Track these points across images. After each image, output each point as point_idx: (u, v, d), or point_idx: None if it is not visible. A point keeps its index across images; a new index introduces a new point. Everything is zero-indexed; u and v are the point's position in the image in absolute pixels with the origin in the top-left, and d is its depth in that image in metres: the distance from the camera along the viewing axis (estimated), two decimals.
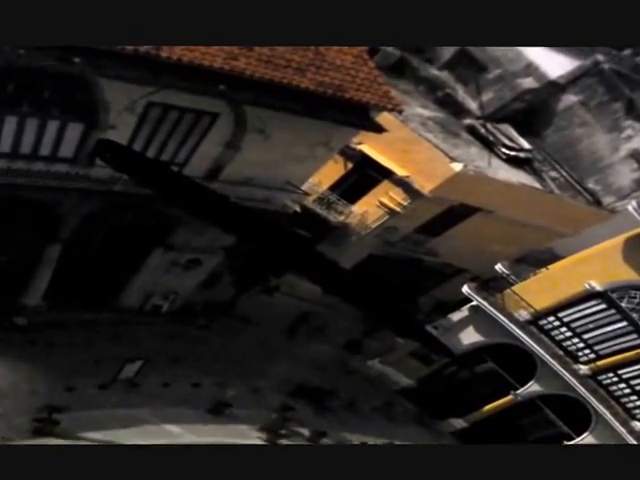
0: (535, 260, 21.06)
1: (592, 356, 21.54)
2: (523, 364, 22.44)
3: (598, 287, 19.20)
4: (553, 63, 20.08)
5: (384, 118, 14.53)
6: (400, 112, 14.12)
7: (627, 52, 20.30)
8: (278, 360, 22.02)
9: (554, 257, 20.92)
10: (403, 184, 18.55)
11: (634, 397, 21.75)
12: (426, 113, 19.53)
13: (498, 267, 20.02)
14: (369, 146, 18.00)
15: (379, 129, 14.07)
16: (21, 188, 15.07)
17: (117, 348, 19.26)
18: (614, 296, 19.27)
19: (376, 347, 24.24)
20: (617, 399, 21.74)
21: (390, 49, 17.50)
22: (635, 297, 19.02)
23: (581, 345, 21.44)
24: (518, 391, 22.63)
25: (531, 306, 20.46)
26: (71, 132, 14.03)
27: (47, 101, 13.09)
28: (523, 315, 20.91)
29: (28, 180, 14.86)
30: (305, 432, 19.77)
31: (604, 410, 21.20)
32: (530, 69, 20.41)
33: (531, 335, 21.44)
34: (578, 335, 21.21)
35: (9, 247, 17.15)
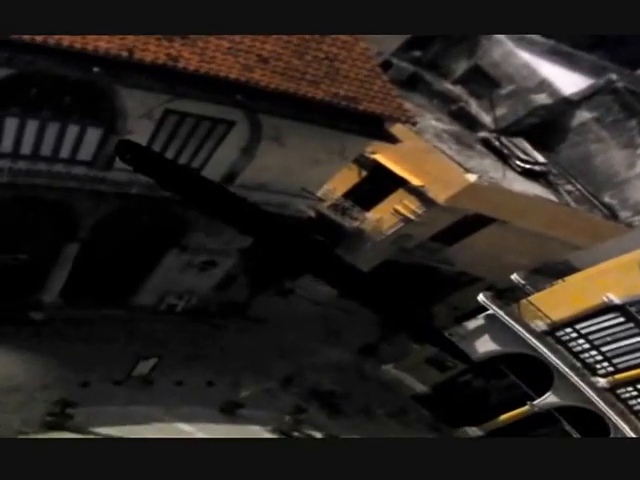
0: (551, 271, 20.82)
1: (610, 369, 21.24)
2: (540, 375, 22.25)
3: (616, 300, 18.91)
4: (567, 81, 19.80)
5: (399, 129, 14.47)
6: (414, 124, 14.04)
7: None
8: (293, 362, 22.13)
9: (570, 269, 20.65)
10: (418, 193, 18.47)
11: None
12: (440, 125, 19.39)
13: (514, 277, 19.85)
14: (384, 155, 17.93)
15: (393, 140, 14.03)
16: (41, 189, 15.37)
17: (131, 345, 19.53)
18: (633, 310, 18.98)
19: (391, 352, 24.21)
20: (636, 413, 21.45)
21: (404, 64, 17.41)
22: None
23: (599, 358, 21.14)
24: (535, 402, 22.46)
25: (548, 317, 20.24)
26: (90, 136, 14.25)
27: (67, 107, 13.29)
28: (540, 325, 20.69)
29: (48, 181, 15.15)
30: (318, 435, 19.85)
31: (623, 424, 20.91)
32: (544, 86, 20.20)
33: (548, 346, 21.21)
34: (596, 347, 20.92)
35: (29, 245, 17.49)
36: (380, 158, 18.11)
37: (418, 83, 19.19)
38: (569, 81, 19.91)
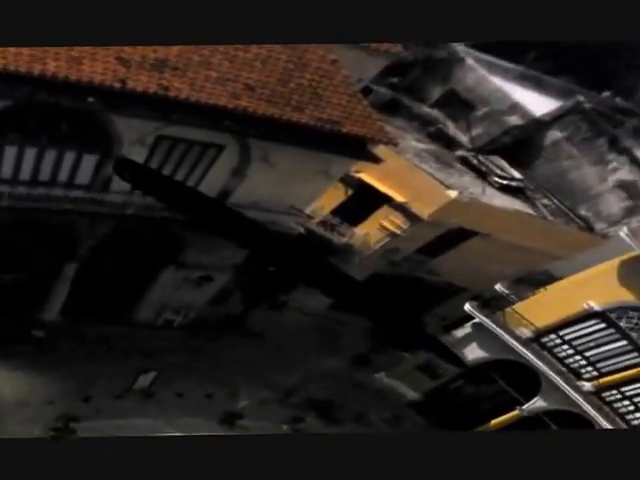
0: (533, 281, 21.57)
1: (595, 373, 21.91)
2: (527, 380, 22.91)
3: (597, 307, 19.64)
4: (537, 103, 20.73)
5: (381, 150, 15.22)
6: (395, 145, 14.81)
7: (606, 94, 20.90)
8: (289, 373, 22.73)
9: (551, 278, 21.39)
10: (402, 209, 19.26)
11: (639, 414, 22.10)
12: (420, 146, 20.27)
13: (498, 287, 20.56)
14: (368, 174, 18.73)
15: (376, 160, 14.80)
16: (41, 211, 16.06)
17: (131, 360, 20.15)
18: (613, 316, 19.69)
19: (383, 361, 24.85)
20: (622, 415, 22.09)
21: (383, 90, 18.26)
22: (632, 317, 19.42)
23: (583, 362, 21.82)
24: (524, 406, 23.09)
25: (532, 324, 20.93)
26: (86, 162, 14.97)
27: (64, 134, 14.01)
28: (525, 332, 21.38)
29: (47, 204, 15.85)
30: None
31: (609, 427, 21.53)
32: (516, 108, 21.19)
33: (534, 352, 21.89)
34: (580, 353, 21.61)
35: (30, 265, 18.16)
36: (365, 177, 18.91)
37: (397, 107, 20.09)
38: (539, 103, 20.88)
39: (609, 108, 21.23)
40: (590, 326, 20.51)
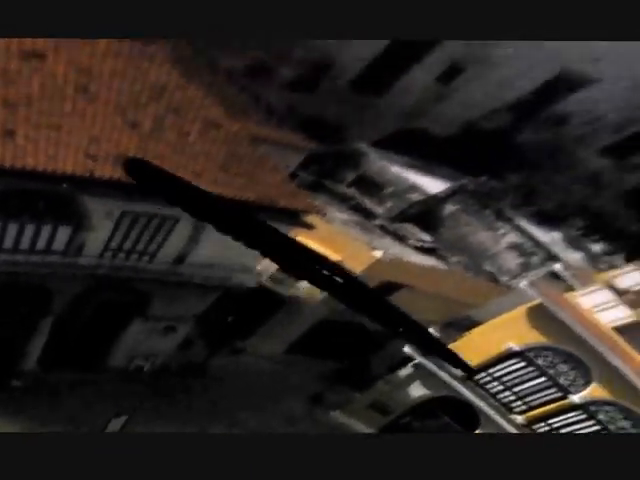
0: (459, 325, 24.20)
1: (524, 407, 24.35)
2: (468, 415, 25.27)
3: (516, 347, 22.25)
4: (431, 184, 23.98)
5: (313, 219, 17.89)
6: (323, 215, 17.47)
7: (483, 178, 24.27)
8: (251, 413, 24.85)
9: (474, 323, 24.03)
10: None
11: None
12: (344, 216, 23.19)
13: (431, 330, 23.01)
14: (305, 237, 21.41)
15: (309, 227, 17.49)
16: (22, 275, 18.42)
17: (104, 404, 22.15)
18: (530, 355, 22.27)
19: (337, 399, 27.09)
20: None
21: (305, 174, 21.18)
22: (547, 356, 22.00)
23: (512, 397, 24.25)
24: None
25: None
26: (61, 233, 17.42)
27: (42, 212, 16.51)
28: (459, 371, 23.80)
29: (27, 269, 18.23)
30: None
31: None
32: (414, 188, 24.37)
33: (469, 388, 24.32)
34: (509, 388, 24.06)
35: (10, 320, 20.40)
36: (301, 240, 21.58)
37: (320, 187, 23.03)
38: (433, 184, 24.07)
39: (487, 188, 24.51)
40: (513, 364, 23.04)
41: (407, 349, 23.61)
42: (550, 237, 24.30)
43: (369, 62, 19.19)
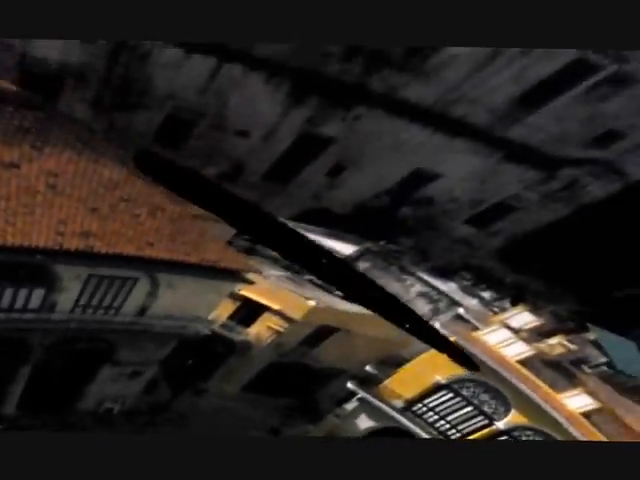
0: (392, 362, 27.12)
1: (458, 435, 27.15)
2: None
3: (442, 380, 25.19)
4: (342, 247, 27.66)
5: (253, 275, 20.98)
6: (260, 273, 20.57)
7: (382, 242, 27.93)
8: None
9: (405, 359, 26.98)
10: (280, 314, 25.04)
11: None
12: (278, 273, 26.46)
13: (368, 367, 25.98)
14: (248, 291, 24.53)
15: (249, 282, 20.61)
16: (3, 330, 21.16)
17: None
18: (456, 387, 25.21)
19: (293, 432, 29.68)
20: None
21: (241, 242, 24.46)
22: (470, 387, 24.96)
23: (447, 426, 27.08)
24: None
25: (401, 396, 26.28)
26: (36, 294, 20.25)
27: (20, 278, 19.36)
28: (398, 403, 26.65)
29: (8, 325, 20.98)
30: None
31: None
32: (334, 251, 28.00)
33: (409, 419, 27.09)
34: (443, 418, 26.89)
35: None
36: (246, 293, 24.70)
37: (253, 251, 26.34)
38: (345, 247, 27.72)
39: (387, 250, 28.06)
40: (443, 396, 25.95)
41: (349, 385, 26.44)
42: (448, 287, 27.86)
43: (272, 163, 23.49)
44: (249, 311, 25.75)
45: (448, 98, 22.46)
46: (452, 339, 22.04)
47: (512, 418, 25.43)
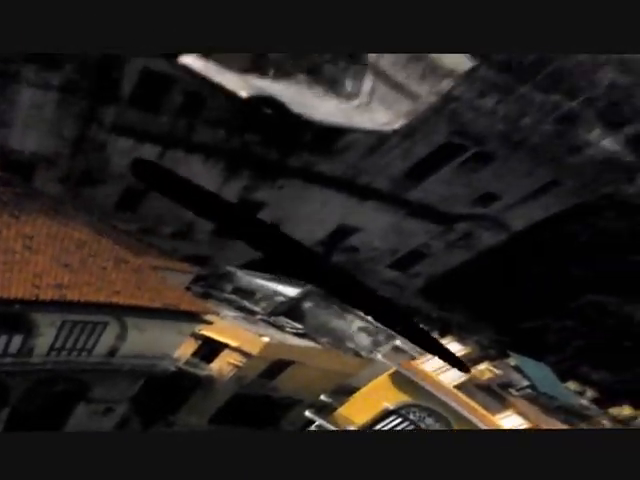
0: (344, 391, 29.53)
1: None
2: None
3: (391, 407, 27.58)
4: (288, 290, 30.73)
5: (211, 317, 23.44)
6: (217, 314, 23.07)
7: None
8: None
9: (355, 388, 29.41)
10: (238, 350, 27.51)
11: None
12: (233, 314, 29.18)
13: (323, 397, 28.32)
14: (208, 330, 27.02)
15: (208, 322, 23.10)
16: None
17: None
18: (403, 412, 27.60)
19: None
20: None
21: (196, 287, 27.13)
22: (415, 412, 27.36)
23: None
24: None
25: (354, 422, 28.58)
26: (15, 339, 22.45)
27: (0, 326, 21.57)
28: (352, 429, 28.89)
29: None
30: None
31: None
32: (277, 292, 31.00)
33: None
34: None
35: None
36: (206, 332, 27.20)
37: (209, 295, 29.09)
38: (290, 290, 30.71)
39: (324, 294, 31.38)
40: (393, 420, 28.31)
41: (307, 413, 28.73)
42: None
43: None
44: (210, 348, 28.22)
45: (353, 172, 28.05)
46: (393, 369, 24.54)
47: None
